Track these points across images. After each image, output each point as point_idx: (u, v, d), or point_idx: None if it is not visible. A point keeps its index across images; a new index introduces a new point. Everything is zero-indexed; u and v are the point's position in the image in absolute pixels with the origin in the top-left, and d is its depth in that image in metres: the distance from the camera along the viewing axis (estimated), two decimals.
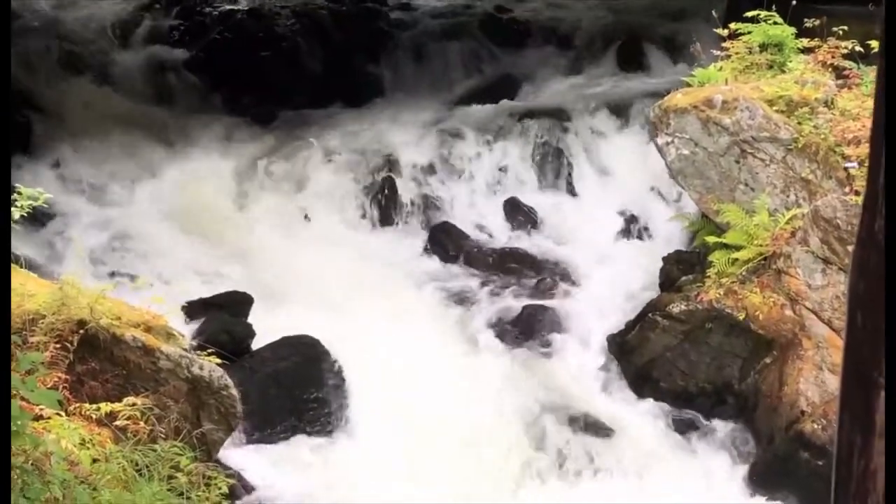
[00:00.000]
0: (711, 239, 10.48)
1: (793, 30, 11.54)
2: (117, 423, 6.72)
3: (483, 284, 12.66)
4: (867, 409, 2.09)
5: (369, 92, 16.95)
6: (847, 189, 10.04)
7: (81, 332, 7.47)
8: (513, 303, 12.15)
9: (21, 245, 10.37)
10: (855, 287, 2.12)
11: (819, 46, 11.27)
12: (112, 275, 11.65)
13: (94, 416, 6.83)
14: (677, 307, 10.42)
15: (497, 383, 10.71)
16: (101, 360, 7.65)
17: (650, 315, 10.63)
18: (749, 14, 11.53)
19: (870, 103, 9.49)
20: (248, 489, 9.27)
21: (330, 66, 17.45)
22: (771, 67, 11.47)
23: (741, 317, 10.03)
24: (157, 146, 14.87)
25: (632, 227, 13.35)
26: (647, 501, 9.53)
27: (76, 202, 13.45)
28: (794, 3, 11.72)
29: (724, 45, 11.54)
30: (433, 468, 9.76)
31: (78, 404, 6.98)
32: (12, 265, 7.03)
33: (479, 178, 14.28)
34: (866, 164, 2.30)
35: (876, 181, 2.08)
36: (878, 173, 2.05)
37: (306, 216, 13.63)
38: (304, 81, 16.96)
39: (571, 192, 14.15)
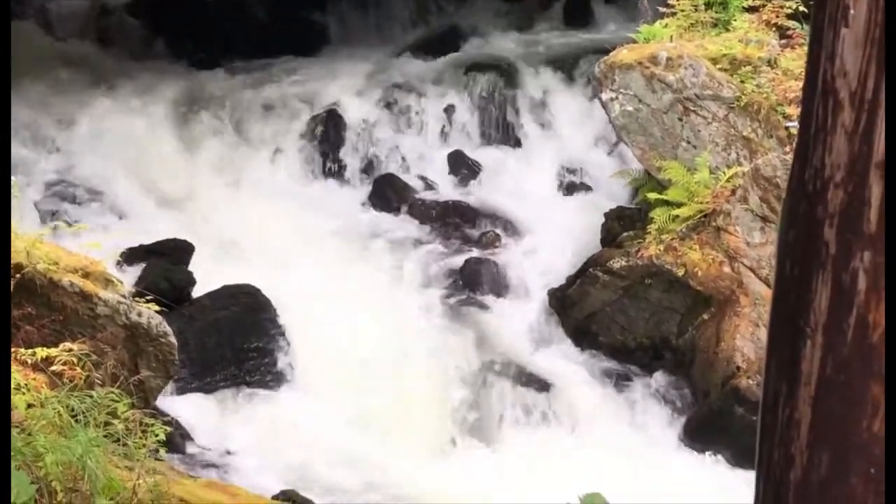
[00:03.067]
0: (653, 195, 10.55)
1: None
2: (53, 368, 6.65)
3: (426, 237, 12.66)
4: (793, 357, 2.12)
5: (314, 41, 16.77)
6: (787, 148, 10.13)
7: (18, 276, 7.38)
8: (455, 255, 12.18)
9: None
10: (784, 236, 2.14)
11: (763, 6, 11.33)
12: (50, 219, 11.50)
13: (29, 362, 6.75)
14: (618, 262, 10.49)
15: (438, 335, 10.75)
16: (37, 306, 7.56)
17: (591, 270, 10.69)
18: None
19: None
20: (187, 437, 9.26)
21: (275, 13, 17.23)
22: (715, 26, 11.52)
23: (680, 273, 10.12)
24: (98, 91, 14.64)
25: (575, 181, 13.39)
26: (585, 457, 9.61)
27: (14, 145, 13.23)
28: None
29: (669, 2, 11.56)
30: (372, 419, 9.79)
31: (13, 349, 6.91)
32: None
33: (424, 131, 14.23)
34: None
35: (807, 131, 2.10)
36: (809, 124, 2.08)
37: None
38: (248, 29, 16.74)
39: (516, 145, 14.15)
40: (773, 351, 2.23)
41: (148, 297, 8.28)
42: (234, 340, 10.09)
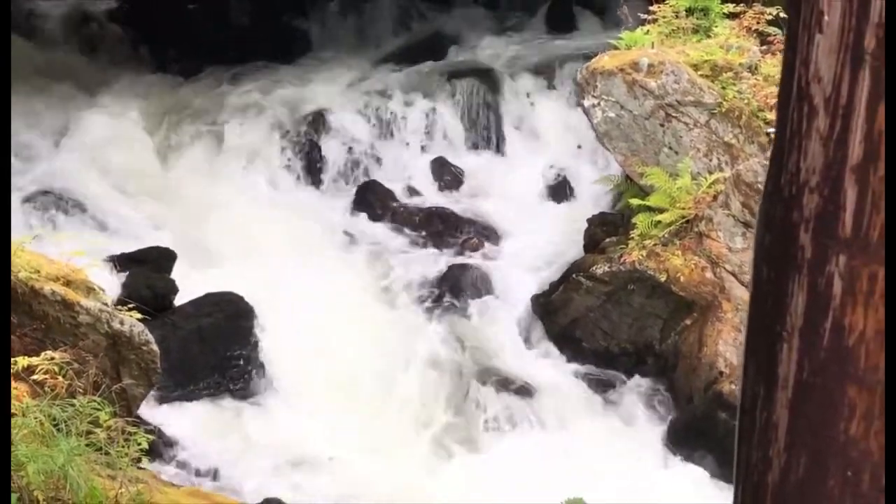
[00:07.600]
0: (635, 201, 10.57)
1: None
2: (35, 377, 6.64)
3: (409, 243, 12.66)
4: (770, 361, 2.13)
5: (297, 48, 16.79)
6: (768, 154, 10.15)
7: None
8: (439, 262, 12.19)
9: None
10: (761, 240, 2.16)
11: (744, 12, 11.38)
12: (32, 227, 11.46)
13: (11, 371, 6.73)
14: (601, 268, 10.52)
15: (421, 342, 10.76)
16: (18, 314, 7.54)
17: (574, 276, 10.72)
18: None
19: None
20: (169, 445, 9.24)
21: (257, 20, 17.25)
22: (696, 32, 11.56)
23: (663, 279, 10.15)
24: (79, 99, 14.62)
25: (557, 188, 13.42)
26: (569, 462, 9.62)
27: None
28: None
29: (651, 8, 11.61)
30: (355, 426, 9.79)
31: None
32: None
33: (407, 138, 14.24)
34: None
35: (782, 136, 2.12)
36: (785, 129, 2.09)
37: None
38: (230, 35, 16.75)
39: (499, 152, 14.18)
40: (750, 354, 2.24)
41: (130, 306, 8.26)
42: (216, 348, 10.07)
